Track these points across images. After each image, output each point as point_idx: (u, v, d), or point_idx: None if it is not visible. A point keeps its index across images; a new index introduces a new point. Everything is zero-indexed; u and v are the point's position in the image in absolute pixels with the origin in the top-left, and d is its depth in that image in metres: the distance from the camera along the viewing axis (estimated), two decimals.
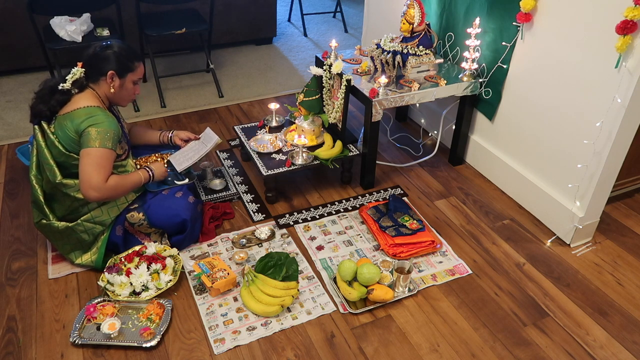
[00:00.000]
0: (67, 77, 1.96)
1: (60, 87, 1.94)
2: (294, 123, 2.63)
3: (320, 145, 2.51)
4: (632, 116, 1.94)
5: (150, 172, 2.08)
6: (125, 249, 2.07)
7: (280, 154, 2.47)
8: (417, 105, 3.07)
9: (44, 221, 2.02)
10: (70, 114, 1.91)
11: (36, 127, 1.96)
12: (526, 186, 2.44)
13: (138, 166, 2.13)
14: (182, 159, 2.24)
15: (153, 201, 2.07)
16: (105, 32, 3.12)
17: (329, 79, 2.53)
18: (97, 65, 1.96)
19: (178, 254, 2.08)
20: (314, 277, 2.07)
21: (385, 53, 2.49)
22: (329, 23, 4.86)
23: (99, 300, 1.89)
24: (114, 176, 1.95)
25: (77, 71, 1.97)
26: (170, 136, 2.34)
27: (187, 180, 2.20)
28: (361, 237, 2.28)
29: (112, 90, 1.99)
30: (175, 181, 2.18)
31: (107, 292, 1.92)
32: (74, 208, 2.00)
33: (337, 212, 2.43)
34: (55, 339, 1.80)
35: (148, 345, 1.75)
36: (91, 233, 2.00)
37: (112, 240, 2.03)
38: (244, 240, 2.22)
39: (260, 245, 2.22)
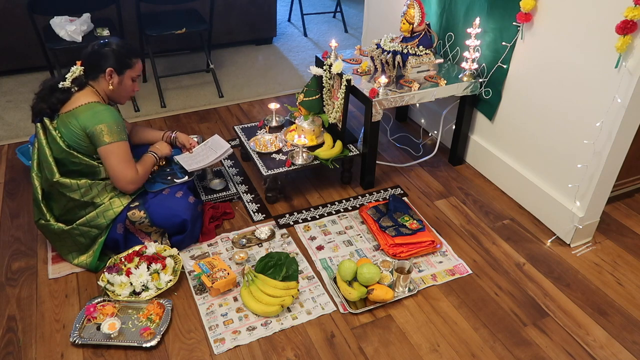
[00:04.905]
0: (66, 76, 1.98)
1: (60, 86, 1.96)
2: (294, 123, 2.63)
3: (320, 145, 2.51)
4: (632, 116, 1.94)
5: (154, 155, 2.18)
6: (126, 247, 2.07)
7: (280, 154, 2.47)
8: (417, 105, 3.06)
9: (42, 221, 2.03)
10: (74, 112, 1.93)
11: (38, 124, 1.98)
12: (526, 186, 2.44)
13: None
14: (191, 161, 2.27)
15: (153, 201, 2.07)
16: (105, 32, 3.12)
17: (329, 79, 2.53)
18: (96, 62, 1.98)
19: (178, 254, 2.09)
20: (314, 277, 2.07)
21: (385, 53, 2.48)
22: (329, 23, 4.86)
23: (99, 300, 1.89)
24: (138, 165, 2.07)
25: (77, 69, 1.99)
26: (173, 136, 2.34)
27: (186, 178, 2.21)
28: (361, 237, 2.28)
29: (110, 87, 2.01)
30: (175, 180, 2.18)
31: (107, 292, 1.92)
32: (69, 208, 2.01)
33: (337, 212, 2.43)
34: (55, 339, 1.80)
35: (148, 345, 1.75)
36: (87, 236, 2.01)
37: (113, 237, 2.03)
38: (244, 240, 2.22)
39: (260, 245, 2.22)
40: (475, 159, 2.77)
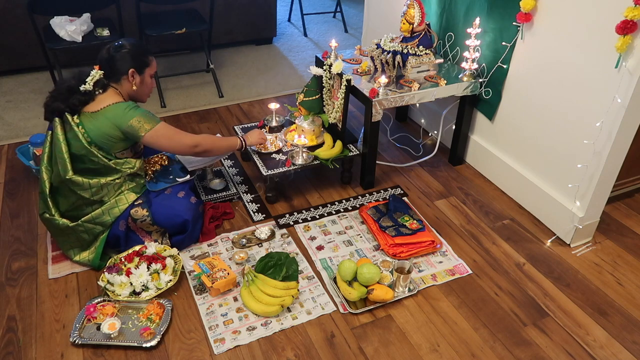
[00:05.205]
0: (86, 80, 1.98)
1: (82, 89, 1.97)
2: (294, 123, 2.63)
3: (320, 145, 2.51)
4: (632, 116, 1.94)
5: (242, 141, 2.30)
6: (127, 246, 2.07)
7: (280, 154, 2.47)
8: (417, 105, 3.06)
9: (47, 215, 2.03)
10: (102, 112, 1.95)
11: (57, 119, 1.98)
12: (526, 186, 2.44)
13: (145, 167, 2.15)
14: (193, 160, 2.28)
15: (156, 200, 2.08)
16: (105, 32, 3.12)
17: (329, 79, 2.53)
18: (116, 65, 2.00)
19: (178, 253, 2.09)
20: (314, 277, 2.07)
21: (385, 53, 2.48)
22: (329, 23, 4.86)
23: (99, 300, 1.89)
24: (216, 137, 2.19)
25: (96, 73, 2.00)
26: None
27: (188, 177, 2.21)
28: (361, 237, 2.28)
29: (134, 87, 2.04)
30: (177, 178, 2.19)
31: (107, 292, 1.92)
32: (77, 205, 2.02)
33: (337, 212, 2.43)
34: (55, 339, 1.80)
35: (148, 345, 1.75)
36: (91, 233, 2.01)
37: (114, 233, 2.04)
38: (244, 240, 2.22)
39: (260, 245, 2.22)
40: (475, 159, 2.77)
